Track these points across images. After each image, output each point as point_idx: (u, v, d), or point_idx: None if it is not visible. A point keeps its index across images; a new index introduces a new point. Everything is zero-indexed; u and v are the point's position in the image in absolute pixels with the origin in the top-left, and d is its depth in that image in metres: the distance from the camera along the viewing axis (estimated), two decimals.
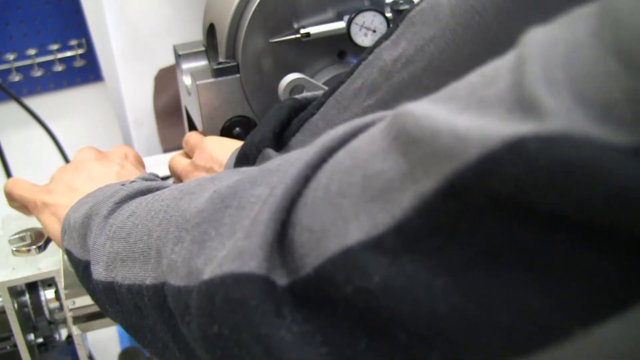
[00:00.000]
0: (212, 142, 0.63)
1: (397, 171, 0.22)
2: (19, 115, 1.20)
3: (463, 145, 0.19)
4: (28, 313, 0.70)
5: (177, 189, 0.37)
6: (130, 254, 0.38)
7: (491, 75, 0.22)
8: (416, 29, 0.48)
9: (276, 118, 0.55)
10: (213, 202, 0.30)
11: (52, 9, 1.22)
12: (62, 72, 1.27)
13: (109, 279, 0.40)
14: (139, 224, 0.38)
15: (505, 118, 0.19)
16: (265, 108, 0.69)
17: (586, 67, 0.18)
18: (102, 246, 0.41)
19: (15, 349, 0.70)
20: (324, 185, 0.25)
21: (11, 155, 1.21)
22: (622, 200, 0.16)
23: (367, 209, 0.23)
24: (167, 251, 0.32)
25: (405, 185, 0.22)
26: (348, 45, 0.68)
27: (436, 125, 0.21)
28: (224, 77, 0.67)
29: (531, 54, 0.20)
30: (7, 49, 1.21)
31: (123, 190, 0.45)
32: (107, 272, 0.40)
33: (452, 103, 0.22)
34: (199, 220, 0.30)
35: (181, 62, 0.75)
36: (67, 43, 1.26)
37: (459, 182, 0.20)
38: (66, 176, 0.59)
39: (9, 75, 1.22)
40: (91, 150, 0.62)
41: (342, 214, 0.24)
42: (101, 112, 1.35)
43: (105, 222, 0.43)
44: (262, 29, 0.66)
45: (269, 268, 0.25)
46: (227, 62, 0.68)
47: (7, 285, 0.66)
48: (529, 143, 0.18)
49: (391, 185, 0.22)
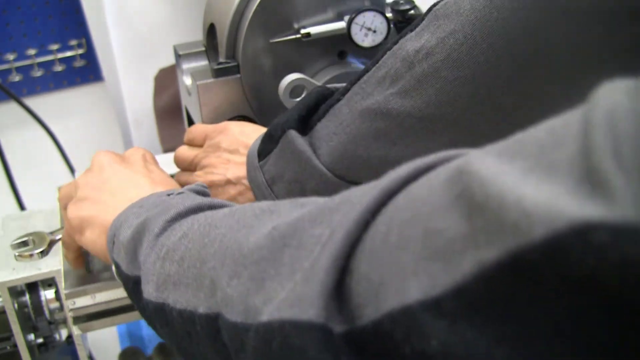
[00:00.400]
0: (237, 126, 0.64)
1: (459, 232, 0.22)
2: (19, 115, 1.20)
3: (529, 222, 0.19)
4: (28, 313, 0.70)
5: (233, 217, 0.37)
6: (182, 278, 0.38)
7: (561, 134, 0.21)
8: (439, 22, 0.49)
9: (304, 102, 0.57)
10: (273, 239, 0.30)
11: (52, 9, 1.22)
12: (62, 72, 1.27)
13: (159, 300, 0.40)
14: (192, 248, 0.38)
15: (573, 192, 0.19)
16: (265, 108, 0.69)
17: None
18: (153, 265, 0.41)
19: (15, 349, 0.70)
20: (383, 234, 0.25)
21: (11, 155, 1.21)
22: None
23: (427, 267, 0.23)
24: (223, 283, 0.33)
25: (467, 248, 0.21)
26: (348, 45, 0.68)
27: (502, 194, 0.20)
28: (224, 77, 0.67)
29: (599, 119, 0.19)
30: (7, 49, 1.21)
31: (174, 208, 0.44)
32: (158, 292, 0.40)
33: (520, 161, 0.21)
34: (257, 257, 0.31)
35: (181, 62, 0.75)
36: (67, 43, 1.26)
37: (522, 259, 0.20)
38: (93, 182, 0.57)
39: (9, 75, 1.22)
40: (108, 153, 0.61)
41: (401, 268, 0.24)
42: (101, 112, 1.35)
43: (156, 241, 0.42)
44: (262, 29, 0.66)
45: (327, 316, 0.25)
46: (227, 62, 0.68)
47: (7, 285, 0.66)
48: (597, 232, 0.18)
49: (452, 246, 0.22)
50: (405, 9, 0.71)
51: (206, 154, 0.64)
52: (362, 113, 0.53)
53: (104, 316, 0.66)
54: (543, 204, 0.19)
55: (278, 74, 0.67)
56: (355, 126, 0.53)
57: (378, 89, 0.52)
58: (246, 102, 0.69)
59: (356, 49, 0.67)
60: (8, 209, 1.23)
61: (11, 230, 0.74)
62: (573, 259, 0.18)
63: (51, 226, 0.77)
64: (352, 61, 0.70)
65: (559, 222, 0.19)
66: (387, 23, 0.66)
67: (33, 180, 1.28)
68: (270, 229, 0.31)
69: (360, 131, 0.53)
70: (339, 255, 0.26)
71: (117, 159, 0.60)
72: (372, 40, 0.66)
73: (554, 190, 0.19)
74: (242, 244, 0.33)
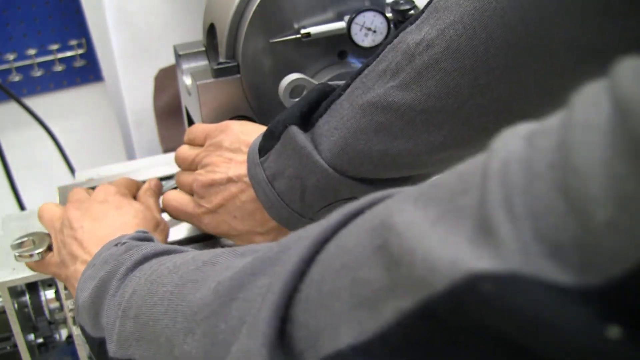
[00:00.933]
0: (239, 125, 0.65)
1: (382, 282, 0.24)
2: (19, 115, 1.20)
3: (433, 277, 0.21)
4: (28, 313, 0.70)
5: (177, 273, 0.39)
6: (142, 334, 0.39)
7: (467, 181, 0.23)
8: (439, 14, 0.50)
9: (306, 99, 0.57)
10: (219, 295, 0.32)
11: (52, 9, 1.22)
12: (62, 72, 1.27)
13: (125, 356, 0.41)
14: (142, 305, 0.40)
15: (471, 242, 0.21)
16: (265, 108, 0.69)
17: (542, 202, 0.18)
18: (113, 324, 0.43)
19: (15, 349, 0.70)
20: (317, 283, 0.27)
21: (11, 155, 1.21)
22: (563, 347, 0.17)
23: (356, 315, 0.25)
24: (179, 341, 0.34)
25: (388, 298, 0.23)
26: (348, 45, 0.68)
27: (414, 250, 0.22)
28: (224, 77, 0.67)
29: (494, 169, 0.21)
30: (7, 49, 1.21)
31: (123, 265, 0.46)
32: (123, 350, 0.42)
33: (432, 208, 0.23)
34: (207, 313, 0.32)
35: (181, 62, 0.75)
36: (67, 43, 1.26)
37: (432, 308, 0.22)
38: (64, 238, 0.60)
39: (9, 75, 1.22)
40: (79, 193, 0.65)
41: (335, 315, 0.26)
42: (101, 112, 1.35)
43: (113, 301, 0.45)
44: (263, 29, 0.66)
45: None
46: (227, 62, 0.68)
47: (7, 285, 0.66)
48: (485, 283, 0.19)
49: (376, 295, 0.24)
50: (405, 9, 0.71)
51: (207, 153, 0.64)
52: (362, 107, 0.53)
53: None
54: (446, 257, 0.21)
55: (278, 74, 0.67)
56: (355, 120, 0.53)
57: (379, 83, 0.53)
58: (246, 102, 0.69)
59: (356, 49, 0.67)
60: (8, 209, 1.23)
61: (11, 230, 0.74)
62: (467, 309, 0.20)
63: None
64: (352, 61, 0.70)
65: (456, 275, 0.20)
66: (387, 23, 0.66)
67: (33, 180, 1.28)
68: (216, 284, 0.33)
69: (361, 125, 0.53)
70: (277, 306, 0.28)
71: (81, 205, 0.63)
72: (372, 40, 0.66)
73: (456, 241, 0.21)
74: (190, 302, 0.34)
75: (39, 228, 0.68)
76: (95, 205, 0.62)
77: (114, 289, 0.45)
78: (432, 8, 0.51)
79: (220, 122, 0.66)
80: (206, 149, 0.64)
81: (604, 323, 0.16)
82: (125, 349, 0.41)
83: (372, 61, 0.54)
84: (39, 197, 1.15)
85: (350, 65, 0.69)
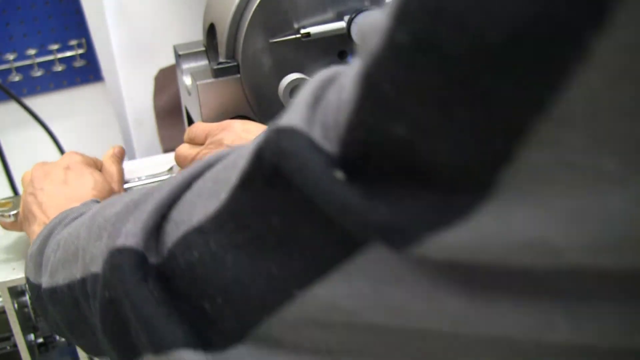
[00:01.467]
0: (240, 123, 0.66)
1: (229, 181, 0.29)
2: (19, 115, 1.20)
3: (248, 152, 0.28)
4: (28, 313, 0.70)
5: (107, 201, 0.44)
6: (67, 257, 0.43)
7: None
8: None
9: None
10: (127, 205, 0.37)
11: (52, 9, 1.22)
12: (62, 72, 1.27)
13: (52, 284, 0.45)
14: (72, 232, 0.44)
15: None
16: (265, 108, 0.69)
17: (329, 106, 0.25)
18: (48, 259, 0.46)
19: (15, 349, 0.70)
20: (192, 189, 0.33)
21: (11, 155, 1.21)
22: (316, 183, 0.23)
23: (206, 204, 0.30)
24: (90, 247, 0.39)
25: (227, 187, 0.29)
26: (348, 45, 0.68)
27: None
28: (224, 77, 0.67)
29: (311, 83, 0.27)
30: (7, 49, 1.21)
31: (70, 215, 0.50)
32: (51, 278, 0.45)
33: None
34: (114, 220, 0.37)
35: (181, 62, 0.75)
36: (67, 43, 1.26)
37: (250, 177, 0.27)
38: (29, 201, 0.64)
39: (9, 75, 1.22)
40: (39, 166, 0.68)
41: (194, 208, 0.31)
42: (101, 112, 1.35)
43: (53, 240, 0.48)
44: (262, 29, 0.66)
45: (145, 247, 0.32)
46: (227, 62, 0.68)
47: (7, 286, 0.66)
48: (273, 133, 0.26)
49: (222, 187, 0.29)
50: None
51: (208, 151, 0.64)
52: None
53: None
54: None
55: (278, 74, 0.67)
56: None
57: None
58: (246, 102, 0.69)
59: (356, 49, 0.67)
60: None
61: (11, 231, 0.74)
62: (269, 159, 0.26)
63: None
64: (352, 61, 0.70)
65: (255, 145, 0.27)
66: None
67: None
68: (128, 200, 0.38)
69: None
70: (160, 203, 0.33)
71: (44, 172, 0.66)
72: None
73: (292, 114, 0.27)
74: (106, 215, 0.39)
75: None
76: (59, 169, 0.66)
77: (57, 231, 0.48)
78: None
79: (221, 121, 0.66)
80: (207, 147, 0.65)
81: (334, 168, 0.23)
82: (54, 276, 0.44)
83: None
84: None
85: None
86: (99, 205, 0.44)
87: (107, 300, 0.34)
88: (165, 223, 0.33)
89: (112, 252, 0.33)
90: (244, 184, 0.27)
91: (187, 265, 0.30)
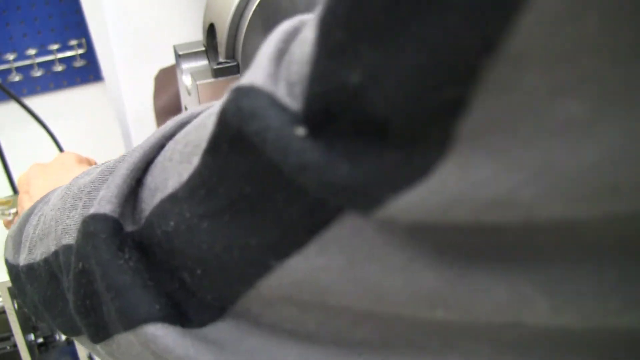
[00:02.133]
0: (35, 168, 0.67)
1: (200, 145, 0.28)
2: (19, 115, 1.20)
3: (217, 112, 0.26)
4: (28, 313, 0.70)
5: (78, 175, 0.43)
6: (45, 230, 0.41)
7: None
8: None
9: None
10: (102, 173, 0.36)
11: (52, 9, 1.22)
12: (62, 72, 1.27)
13: (30, 260, 0.43)
14: (51, 205, 0.42)
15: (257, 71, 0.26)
16: None
17: (294, 66, 0.24)
18: (27, 236, 0.45)
19: (15, 349, 0.70)
20: (164, 152, 0.32)
21: (11, 155, 1.21)
22: (277, 141, 0.22)
23: (179, 169, 0.29)
24: (64, 218, 0.37)
25: (198, 151, 0.27)
26: None
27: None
28: (224, 77, 0.67)
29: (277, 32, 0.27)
30: (7, 49, 1.21)
31: (51, 193, 0.48)
32: (30, 255, 0.43)
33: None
34: (90, 189, 0.36)
35: (181, 62, 0.75)
36: (67, 43, 1.26)
37: (217, 141, 0.26)
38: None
39: (9, 75, 1.22)
40: (35, 167, 0.68)
41: (167, 173, 0.30)
42: (101, 112, 1.35)
43: (34, 217, 0.46)
44: (262, 29, 0.66)
45: (120, 214, 0.31)
46: (227, 62, 0.68)
47: (7, 285, 0.66)
48: (233, 93, 0.24)
49: (193, 150, 0.28)
50: None
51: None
52: None
53: None
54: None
55: None
56: None
57: None
58: None
59: None
60: None
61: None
62: (231, 121, 0.24)
63: None
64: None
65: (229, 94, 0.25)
66: None
67: None
68: (103, 167, 0.36)
69: None
70: (134, 167, 0.32)
71: (40, 172, 0.66)
72: None
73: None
74: (80, 184, 0.38)
75: None
76: (54, 167, 0.67)
77: (39, 208, 0.47)
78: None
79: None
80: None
81: (296, 125, 0.22)
82: (32, 252, 0.43)
83: None
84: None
85: None
86: (74, 177, 0.42)
87: (80, 272, 0.32)
88: (140, 189, 0.32)
89: (86, 220, 0.32)
90: (211, 149, 0.26)
91: (164, 234, 0.29)
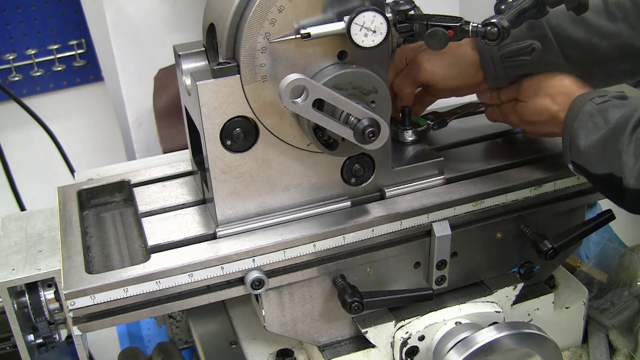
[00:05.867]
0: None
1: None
2: (19, 115, 1.20)
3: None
4: (28, 313, 0.70)
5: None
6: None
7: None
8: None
9: None
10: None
11: (52, 9, 1.22)
12: (62, 72, 1.27)
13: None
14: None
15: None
16: (266, 108, 0.69)
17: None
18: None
19: (15, 349, 0.70)
20: None
21: (11, 155, 1.21)
22: None
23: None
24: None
25: None
26: (348, 46, 0.68)
27: None
28: (224, 77, 0.67)
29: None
30: (7, 49, 1.21)
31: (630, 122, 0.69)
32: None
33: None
34: None
35: (181, 62, 0.75)
36: (67, 43, 1.26)
37: None
38: None
39: (9, 75, 1.22)
40: None
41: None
42: (101, 112, 1.35)
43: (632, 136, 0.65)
44: (262, 29, 0.66)
45: None
46: (227, 62, 0.68)
47: (7, 286, 0.66)
48: None
49: None
50: (405, 9, 0.71)
51: None
52: None
53: (103, 316, 0.66)
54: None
55: (278, 74, 0.67)
56: None
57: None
58: (246, 102, 0.69)
59: (356, 49, 0.67)
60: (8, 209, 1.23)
61: (11, 231, 0.74)
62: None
63: (51, 226, 0.77)
64: (352, 62, 0.70)
65: None
66: (387, 23, 0.66)
67: (33, 180, 1.28)
68: None
69: None
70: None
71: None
72: (372, 41, 0.66)
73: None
74: None
75: (38, 228, 0.68)
76: None
77: (630, 128, 0.64)
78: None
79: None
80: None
81: None
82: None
83: None
84: (39, 197, 1.15)
85: (350, 66, 0.69)
86: None
87: None
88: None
89: None
90: None
91: None
